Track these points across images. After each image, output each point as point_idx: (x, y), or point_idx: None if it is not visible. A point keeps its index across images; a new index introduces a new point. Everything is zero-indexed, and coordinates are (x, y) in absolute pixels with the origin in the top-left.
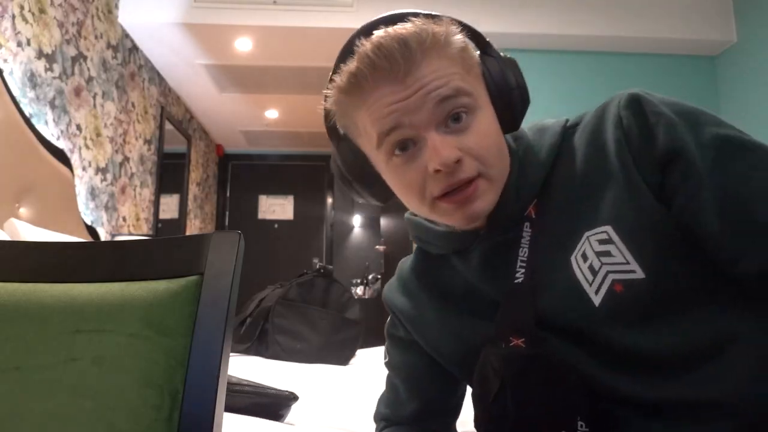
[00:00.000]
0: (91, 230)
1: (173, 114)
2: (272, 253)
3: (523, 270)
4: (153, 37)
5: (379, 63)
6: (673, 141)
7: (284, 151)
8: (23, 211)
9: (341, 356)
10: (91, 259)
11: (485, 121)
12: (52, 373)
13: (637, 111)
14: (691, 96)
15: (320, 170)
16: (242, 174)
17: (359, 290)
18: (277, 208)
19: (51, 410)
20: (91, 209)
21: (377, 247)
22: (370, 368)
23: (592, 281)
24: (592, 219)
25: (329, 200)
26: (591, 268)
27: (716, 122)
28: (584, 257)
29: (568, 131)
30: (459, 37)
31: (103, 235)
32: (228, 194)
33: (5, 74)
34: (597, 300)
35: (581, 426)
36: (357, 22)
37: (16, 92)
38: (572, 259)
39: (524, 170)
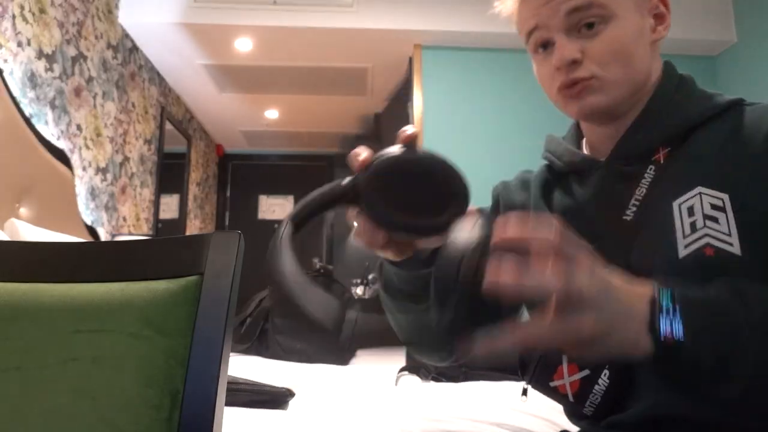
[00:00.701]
0: (91, 230)
1: (173, 114)
2: None
3: (635, 208)
4: (153, 37)
5: None
6: None
7: (284, 151)
8: (23, 211)
9: (341, 356)
10: (91, 259)
11: (619, 30)
12: (52, 373)
13: None
14: None
15: (320, 170)
16: (242, 174)
17: (359, 290)
18: (277, 208)
19: (51, 410)
20: (91, 209)
21: None
22: (370, 368)
23: (688, 235)
24: (712, 179)
25: None
26: (693, 225)
27: None
28: (690, 211)
29: (739, 105)
30: None
31: (103, 235)
32: (228, 194)
33: (5, 74)
34: (682, 252)
35: (605, 374)
36: (357, 22)
37: (16, 92)
38: (675, 204)
39: (669, 106)
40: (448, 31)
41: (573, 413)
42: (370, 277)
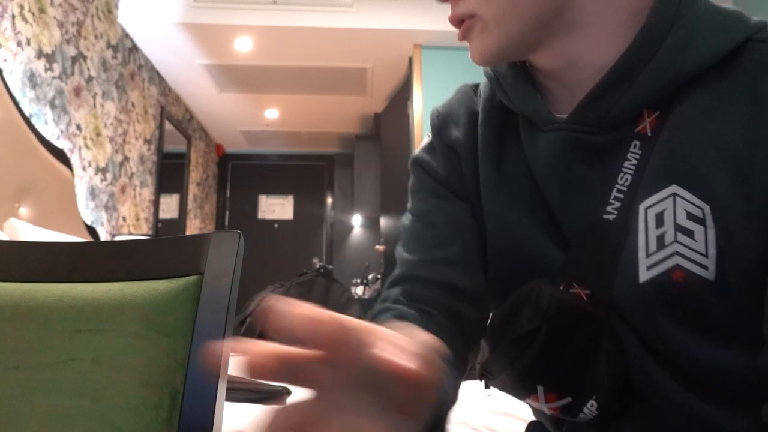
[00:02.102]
0: (91, 230)
1: (173, 114)
2: (272, 253)
3: (618, 204)
4: (153, 37)
5: None
6: None
7: (284, 150)
8: (23, 211)
9: None
10: (91, 258)
11: None
12: (52, 373)
13: None
14: None
15: (320, 170)
16: (242, 174)
17: (359, 290)
18: (277, 208)
19: (51, 410)
20: (91, 209)
21: (377, 247)
22: None
23: (653, 253)
24: (694, 176)
25: (329, 200)
26: (661, 239)
27: None
28: (659, 219)
29: (756, 36)
30: None
31: (103, 235)
32: (228, 194)
33: (5, 74)
34: (644, 276)
35: (591, 406)
36: (357, 22)
37: (16, 92)
38: (641, 208)
39: (659, 52)
40: (448, 31)
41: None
42: (370, 276)
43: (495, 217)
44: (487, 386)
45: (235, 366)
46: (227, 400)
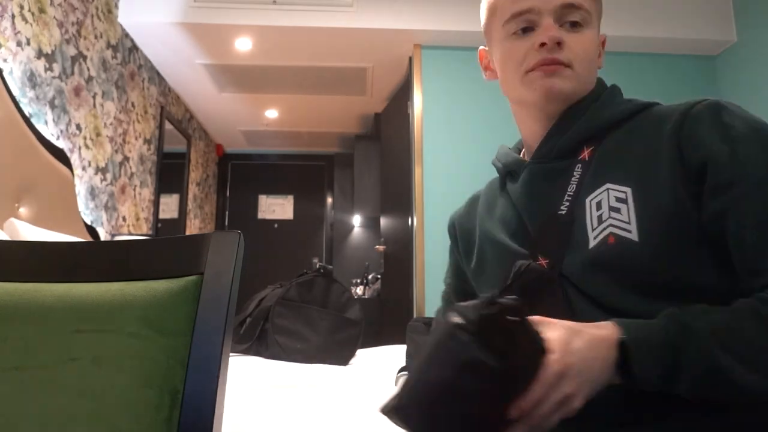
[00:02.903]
0: (91, 230)
1: (173, 114)
2: (272, 253)
3: (568, 204)
4: (153, 37)
5: None
6: (728, 148)
7: (284, 150)
8: (23, 210)
9: (341, 356)
10: (91, 258)
11: (592, 38)
12: (52, 373)
13: (713, 112)
14: (691, 96)
15: (320, 170)
16: (242, 174)
17: (359, 290)
18: (277, 207)
19: (51, 410)
20: (91, 209)
21: (377, 247)
22: (369, 368)
23: (595, 228)
24: (619, 174)
25: (329, 200)
26: (600, 217)
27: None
28: (598, 206)
29: (653, 105)
30: None
31: (103, 235)
32: (228, 194)
33: (5, 74)
34: (591, 244)
35: None
36: (357, 22)
37: (15, 92)
38: (587, 201)
39: (589, 110)
40: (448, 31)
41: None
42: (370, 276)
43: (485, 235)
44: None
45: (235, 366)
46: None
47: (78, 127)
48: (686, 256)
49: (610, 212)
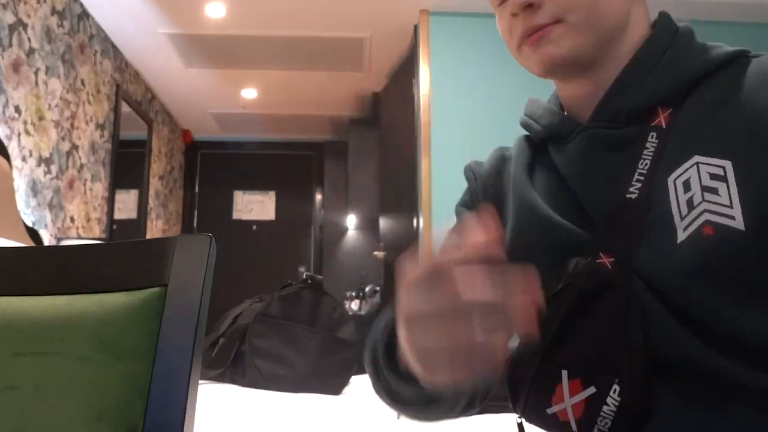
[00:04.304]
0: (33, 233)
1: (131, 93)
2: (250, 260)
3: (639, 185)
4: (107, 2)
5: None
6: None
7: (264, 138)
8: None
9: (332, 384)
10: (32, 267)
11: None
12: None
13: None
14: None
15: (307, 161)
16: (214, 165)
17: (354, 305)
18: (255, 206)
19: None
20: (33, 207)
21: (375, 253)
22: (366, 398)
23: (686, 215)
24: (712, 144)
25: (318, 197)
26: (690, 201)
27: None
28: (686, 186)
29: (743, 56)
30: None
31: (48, 239)
32: (197, 189)
33: None
34: (681, 237)
35: (615, 391)
36: None
37: None
38: (669, 181)
39: (664, 60)
40: None
41: None
42: (367, 289)
43: (526, 203)
44: (520, 429)
45: (206, 396)
46: None
47: (17, 109)
48: None
49: (704, 193)
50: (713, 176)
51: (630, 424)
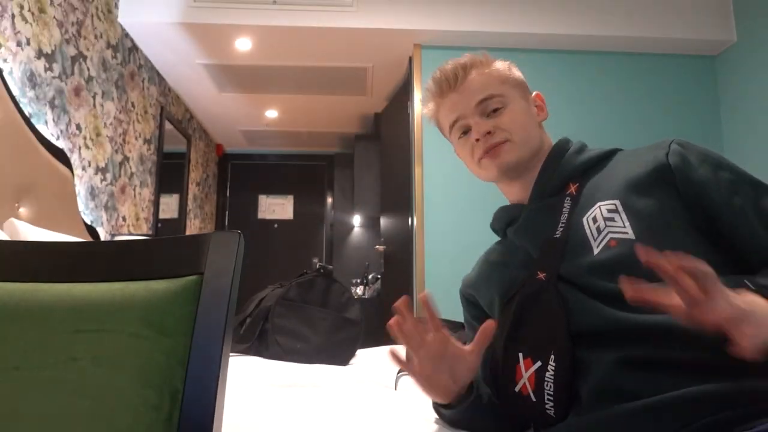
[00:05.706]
0: (91, 230)
1: (173, 114)
2: (272, 253)
3: (561, 229)
4: (152, 37)
5: (444, 80)
6: (712, 168)
7: (284, 150)
8: (23, 211)
9: (341, 356)
10: (91, 258)
11: (516, 108)
12: (52, 372)
13: (686, 146)
14: (692, 96)
15: (320, 170)
16: (242, 174)
17: (359, 290)
18: (276, 207)
19: (51, 410)
20: (91, 209)
21: (377, 247)
22: (370, 368)
23: (596, 237)
24: (606, 194)
25: (329, 200)
26: (598, 228)
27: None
28: (594, 220)
29: (617, 150)
30: (498, 62)
31: (103, 235)
32: (228, 194)
33: (5, 74)
34: (596, 251)
35: (552, 359)
36: (357, 22)
37: (15, 92)
38: (584, 220)
39: (567, 156)
40: (448, 31)
41: (541, 422)
42: (370, 276)
43: (498, 271)
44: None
45: (235, 367)
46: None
47: (78, 127)
48: (680, 241)
49: (606, 222)
50: (610, 210)
51: (565, 383)
